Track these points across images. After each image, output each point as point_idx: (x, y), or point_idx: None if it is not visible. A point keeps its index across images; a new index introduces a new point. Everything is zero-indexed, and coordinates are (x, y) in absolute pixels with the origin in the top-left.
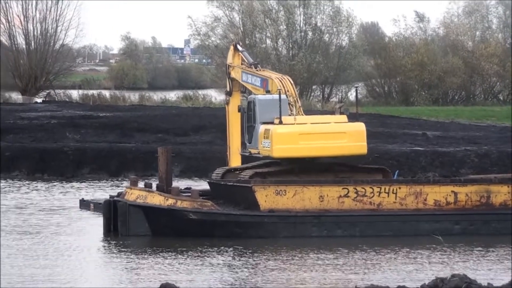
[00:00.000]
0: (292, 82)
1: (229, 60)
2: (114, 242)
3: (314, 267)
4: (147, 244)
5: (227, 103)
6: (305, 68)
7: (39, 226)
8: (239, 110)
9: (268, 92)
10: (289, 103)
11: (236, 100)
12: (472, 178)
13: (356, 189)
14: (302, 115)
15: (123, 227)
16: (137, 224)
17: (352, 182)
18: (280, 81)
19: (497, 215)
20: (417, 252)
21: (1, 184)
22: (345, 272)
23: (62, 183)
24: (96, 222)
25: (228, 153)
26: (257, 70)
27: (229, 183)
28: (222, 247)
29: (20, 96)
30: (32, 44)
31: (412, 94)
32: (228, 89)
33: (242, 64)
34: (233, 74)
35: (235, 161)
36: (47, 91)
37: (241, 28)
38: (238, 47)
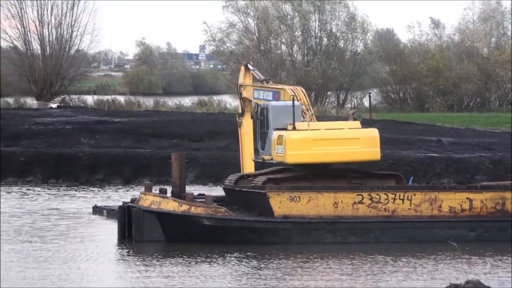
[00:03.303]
0: (304, 92)
1: (241, 80)
2: (128, 247)
3: (328, 274)
4: (160, 249)
5: (239, 125)
6: (320, 74)
7: (52, 232)
8: (252, 117)
9: None
10: (302, 111)
11: (248, 121)
12: (487, 185)
13: (370, 196)
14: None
15: (137, 232)
16: (151, 230)
17: (366, 188)
18: (293, 90)
19: None
20: (431, 258)
21: (15, 189)
22: (359, 278)
23: (77, 188)
24: (110, 228)
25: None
26: (269, 85)
27: (244, 189)
28: (236, 253)
29: (35, 101)
30: (47, 49)
31: (427, 100)
32: (240, 110)
33: (253, 83)
34: (244, 94)
35: (248, 170)
36: (62, 97)
37: (256, 34)
38: (249, 66)
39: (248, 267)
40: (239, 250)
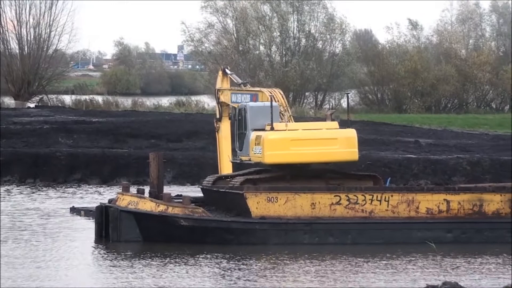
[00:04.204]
0: (282, 93)
1: (218, 85)
2: (104, 247)
3: (299, 275)
4: (138, 250)
5: (217, 130)
6: (298, 75)
7: (28, 231)
8: (230, 118)
9: None
10: (280, 112)
11: (226, 126)
12: (464, 187)
13: (348, 197)
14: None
15: (114, 233)
16: (128, 230)
17: (344, 189)
18: (270, 92)
19: (490, 224)
20: (408, 260)
21: None
22: (336, 280)
23: (54, 188)
24: (87, 228)
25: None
26: (246, 88)
27: (221, 190)
28: (213, 254)
29: (12, 101)
30: (26, 49)
31: (405, 101)
32: (217, 115)
33: (231, 87)
34: (222, 98)
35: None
36: (40, 96)
37: (235, 35)
38: (227, 71)
39: (219, 268)
40: (214, 251)
